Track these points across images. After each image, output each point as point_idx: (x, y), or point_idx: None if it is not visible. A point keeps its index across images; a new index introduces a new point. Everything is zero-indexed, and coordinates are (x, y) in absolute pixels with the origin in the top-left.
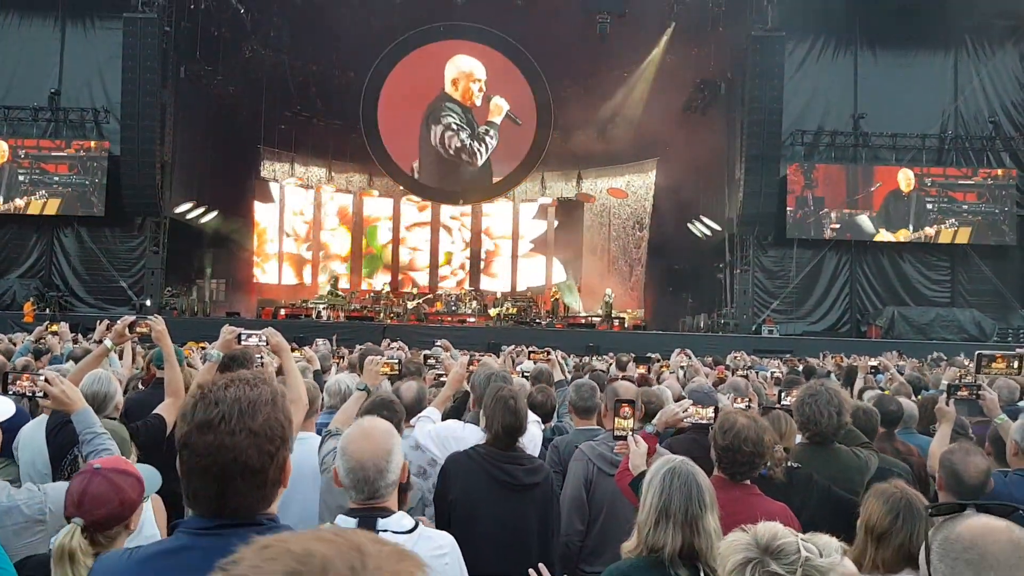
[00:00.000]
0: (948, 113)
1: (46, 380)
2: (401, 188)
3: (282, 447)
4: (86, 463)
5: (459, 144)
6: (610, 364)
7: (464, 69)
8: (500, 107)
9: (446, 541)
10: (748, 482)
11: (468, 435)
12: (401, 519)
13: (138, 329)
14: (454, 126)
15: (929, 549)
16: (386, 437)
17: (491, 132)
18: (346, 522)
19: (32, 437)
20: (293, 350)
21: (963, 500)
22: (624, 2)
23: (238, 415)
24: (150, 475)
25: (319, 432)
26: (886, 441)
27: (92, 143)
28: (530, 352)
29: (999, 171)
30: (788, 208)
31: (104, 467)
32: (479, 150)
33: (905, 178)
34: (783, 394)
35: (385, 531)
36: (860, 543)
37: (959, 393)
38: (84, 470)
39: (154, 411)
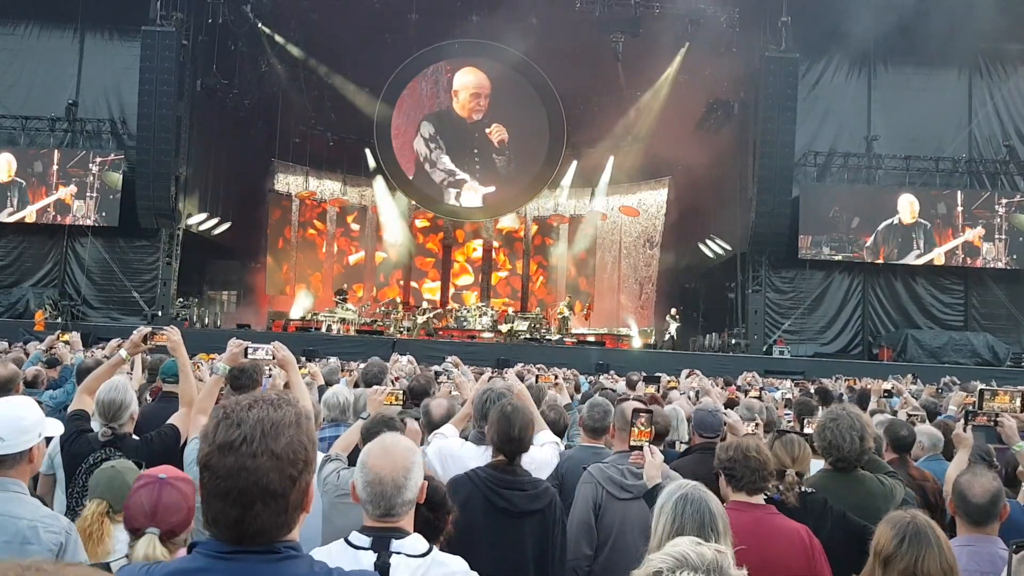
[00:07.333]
0: (962, 136)
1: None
2: (413, 203)
3: (305, 471)
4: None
5: (426, 154)
6: (618, 382)
7: (467, 81)
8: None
9: (460, 567)
10: (764, 501)
11: (464, 453)
12: (415, 542)
13: (154, 340)
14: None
15: None
16: (406, 454)
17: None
18: (360, 540)
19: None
20: (300, 366)
21: (972, 520)
22: (639, 22)
23: (260, 437)
24: None
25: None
26: (899, 467)
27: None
28: (537, 376)
29: None
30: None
31: (168, 476)
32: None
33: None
34: (806, 421)
35: (399, 553)
36: (869, 567)
37: (976, 420)
38: (149, 480)
39: (168, 421)
